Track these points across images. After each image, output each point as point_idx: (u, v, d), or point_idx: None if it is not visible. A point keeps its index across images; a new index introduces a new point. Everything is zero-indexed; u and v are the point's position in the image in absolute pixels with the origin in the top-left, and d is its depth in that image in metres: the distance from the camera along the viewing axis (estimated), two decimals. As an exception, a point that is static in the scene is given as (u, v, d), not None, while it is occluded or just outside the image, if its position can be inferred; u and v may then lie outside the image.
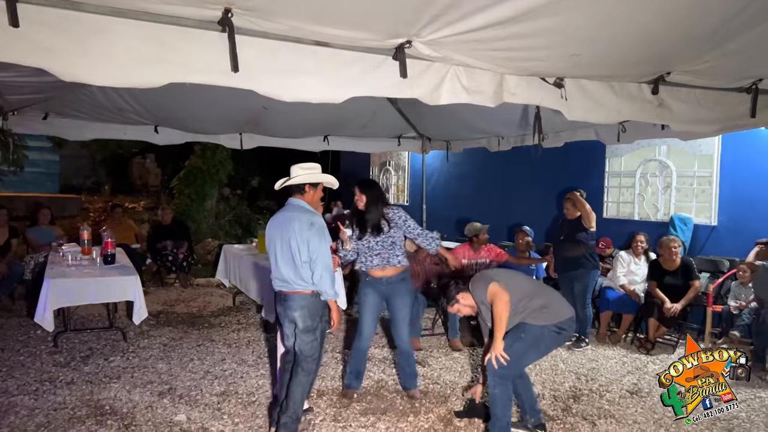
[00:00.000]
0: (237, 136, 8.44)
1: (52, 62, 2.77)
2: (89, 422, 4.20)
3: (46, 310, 5.45)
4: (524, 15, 3.02)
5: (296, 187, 3.94)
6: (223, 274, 8.30)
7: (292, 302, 3.78)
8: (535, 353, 3.95)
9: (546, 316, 3.83)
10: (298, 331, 3.81)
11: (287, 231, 3.76)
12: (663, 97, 4.47)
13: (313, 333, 3.81)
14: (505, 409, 3.85)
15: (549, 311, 3.84)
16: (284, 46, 3.27)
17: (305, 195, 3.94)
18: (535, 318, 3.83)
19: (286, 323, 3.88)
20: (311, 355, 3.83)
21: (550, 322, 3.83)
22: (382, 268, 4.55)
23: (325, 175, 4.05)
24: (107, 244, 6.55)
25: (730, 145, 6.98)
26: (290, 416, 3.81)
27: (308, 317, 3.77)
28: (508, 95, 3.99)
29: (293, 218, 3.78)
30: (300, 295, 3.76)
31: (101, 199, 16.01)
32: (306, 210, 3.85)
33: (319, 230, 3.74)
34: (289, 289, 3.78)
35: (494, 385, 3.85)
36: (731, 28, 3.43)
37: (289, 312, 3.80)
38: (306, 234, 3.70)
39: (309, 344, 3.81)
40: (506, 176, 10.11)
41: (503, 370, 3.79)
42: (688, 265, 6.33)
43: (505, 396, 3.86)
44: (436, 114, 7.19)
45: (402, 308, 4.65)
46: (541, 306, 3.85)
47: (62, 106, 6.65)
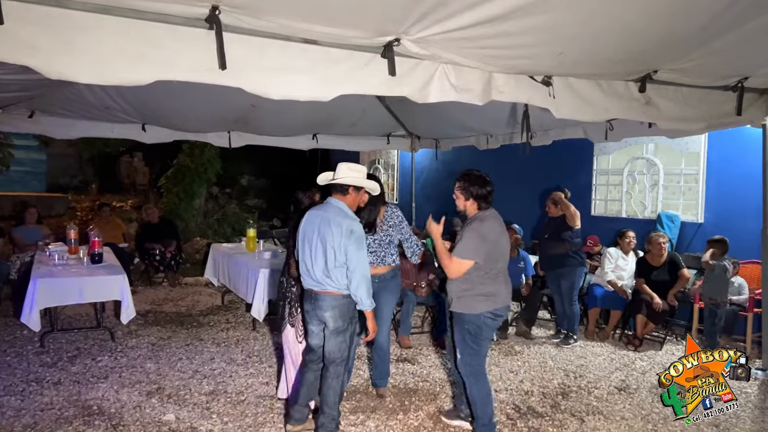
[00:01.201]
0: (225, 134, 8.41)
1: (38, 60, 2.75)
2: (77, 423, 4.17)
3: (33, 309, 5.41)
4: (512, 13, 3.04)
5: (339, 187, 3.77)
6: (212, 273, 8.27)
7: (323, 302, 3.69)
8: (485, 340, 3.94)
9: (484, 304, 3.79)
10: (328, 331, 3.74)
11: (325, 232, 3.63)
12: (650, 95, 4.51)
13: (344, 334, 3.73)
14: (484, 406, 3.89)
15: (486, 299, 3.81)
16: (272, 43, 3.27)
17: (347, 197, 3.78)
18: (472, 306, 3.80)
19: (314, 322, 3.81)
20: (340, 356, 3.76)
21: (487, 309, 3.80)
22: (375, 266, 4.43)
23: (370, 181, 3.88)
24: (94, 243, 6.50)
25: (716, 143, 7.03)
26: (326, 418, 3.79)
27: (339, 318, 3.69)
28: (496, 93, 4.01)
29: (332, 221, 3.63)
30: (332, 296, 3.67)
31: (88, 198, 15.88)
32: (346, 215, 3.69)
33: (359, 239, 3.61)
34: (321, 289, 3.69)
35: (470, 385, 3.89)
36: (717, 27, 3.47)
37: (320, 312, 3.72)
38: (345, 241, 3.57)
39: (338, 346, 3.74)
40: (495, 174, 9.98)
41: (469, 367, 3.86)
42: (674, 260, 6.41)
43: (483, 392, 3.89)
44: (425, 112, 7.20)
45: (388, 303, 4.58)
46: (484, 292, 3.80)
47: (48, 105, 6.59)
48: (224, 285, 7.93)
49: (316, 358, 3.92)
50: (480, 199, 3.93)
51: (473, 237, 3.76)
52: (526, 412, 4.57)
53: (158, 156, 15.16)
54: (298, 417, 4.01)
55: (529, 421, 4.39)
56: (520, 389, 5.05)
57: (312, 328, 3.86)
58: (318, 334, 3.84)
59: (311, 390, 3.99)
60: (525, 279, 6.88)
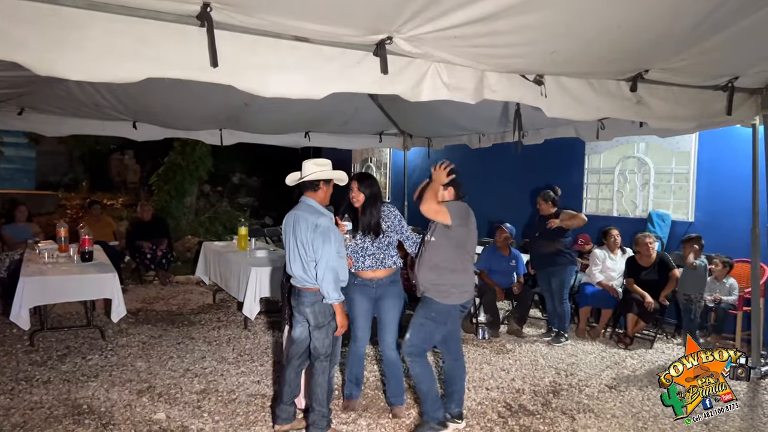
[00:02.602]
0: (217, 132, 8.37)
1: (27, 56, 2.72)
2: (66, 422, 4.15)
3: (22, 308, 5.38)
4: (504, 12, 3.04)
5: (310, 184, 3.88)
6: (203, 271, 8.25)
7: (304, 298, 3.79)
8: (442, 330, 4.00)
9: (456, 296, 3.91)
10: (311, 327, 3.84)
11: (297, 230, 3.76)
12: (641, 95, 4.52)
13: (325, 330, 3.81)
14: (430, 383, 4.02)
15: (459, 291, 3.91)
16: (264, 41, 3.26)
17: (318, 192, 3.88)
18: (446, 297, 3.89)
19: (300, 318, 3.92)
20: (324, 352, 3.84)
21: (459, 302, 3.92)
22: (374, 269, 4.27)
23: (337, 172, 3.98)
24: (84, 241, 6.47)
25: (707, 143, 7.07)
26: (317, 415, 3.84)
27: (319, 314, 3.78)
28: (488, 92, 4.01)
29: (301, 218, 3.76)
30: (311, 292, 3.77)
31: (79, 196, 15.81)
32: (314, 210, 3.79)
33: (324, 232, 3.69)
34: (301, 285, 3.80)
35: (413, 365, 3.99)
36: (708, 26, 3.49)
37: (302, 308, 3.82)
38: (310, 236, 3.68)
39: (321, 341, 3.82)
40: (487, 173, 10.14)
41: (413, 347, 3.96)
42: (663, 260, 6.45)
43: (426, 371, 4.01)
44: (417, 111, 7.19)
45: (391, 310, 4.31)
46: (456, 283, 3.90)
47: (38, 102, 6.54)
48: (216, 283, 7.90)
49: (296, 353, 3.98)
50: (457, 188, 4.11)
51: (454, 206, 3.95)
52: (517, 410, 4.59)
53: (149, 153, 15.11)
54: (284, 416, 4.03)
55: (520, 419, 4.40)
56: (511, 387, 5.07)
57: (296, 321, 3.95)
58: (301, 326, 3.93)
59: (293, 387, 4.03)
60: (516, 277, 6.90)
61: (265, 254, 7.20)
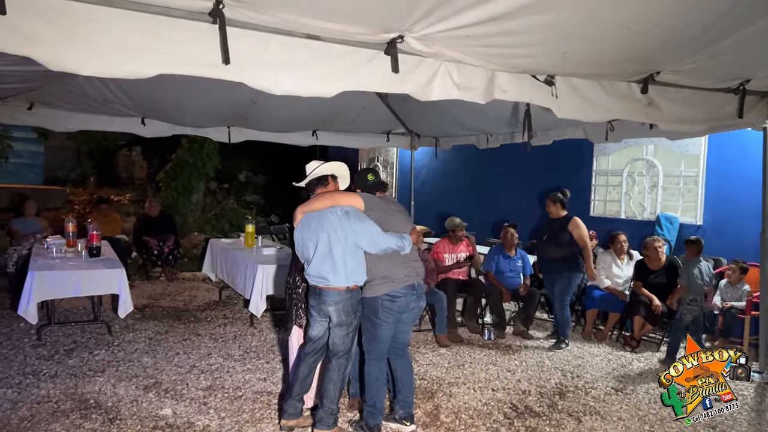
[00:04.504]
0: (225, 129, 8.39)
1: (40, 51, 2.74)
2: (73, 416, 4.16)
3: (30, 302, 5.39)
4: (516, 11, 3.03)
5: (319, 181, 3.91)
6: (210, 268, 8.27)
7: (327, 297, 3.77)
8: (384, 324, 3.89)
9: (382, 287, 3.84)
10: (333, 325, 3.82)
11: (323, 228, 3.71)
12: (652, 97, 4.50)
13: (347, 327, 3.82)
14: (378, 392, 3.94)
15: (387, 282, 3.84)
16: (275, 38, 3.26)
17: (328, 188, 3.92)
18: (371, 290, 3.86)
19: (318, 317, 3.89)
20: (343, 350, 3.84)
21: (383, 292, 3.84)
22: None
23: (338, 164, 4.01)
24: (92, 236, 6.49)
25: (716, 146, 7.04)
26: (326, 412, 3.83)
27: (343, 313, 3.77)
28: (499, 92, 4.00)
29: (325, 214, 3.73)
30: (336, 291, 3.75)
31: (86, 192, 15.85)
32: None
33: (356, 214, 3.72)
34: (325, 285, 3.77)
35: (367, 363, 3.97)
36: (720, 29, 3.47)
37: (324, 306, 3.79)
38: (345, 224, 3.68)
39: (342, 338, 3.82)
40: (494, 173, 10.14)
41: (367, 352, 3.95)
42: (673, 263, 6.40)
43: (376, 373, 3.94)
44: (426, 110, 7.19)
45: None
46: (384, 275, 3.84)
47: (48, 97, 6.57)
48: (222, 280, 7.91)
49: (312, 350, 3.96)
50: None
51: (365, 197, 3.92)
52: (523, 411, 4.58)
53: (157, 150, 15.14)
54: (291, 411, 4.02)
55: (527, 421, 4.39)
56: (517, 389, 5.05)
57: (314, 320, 3.92)
58: (319, 326, 3.90)
59: (305, 384, 4.01)
60: (523, 278, 6.88)
61: (271, 252, 7.21)
